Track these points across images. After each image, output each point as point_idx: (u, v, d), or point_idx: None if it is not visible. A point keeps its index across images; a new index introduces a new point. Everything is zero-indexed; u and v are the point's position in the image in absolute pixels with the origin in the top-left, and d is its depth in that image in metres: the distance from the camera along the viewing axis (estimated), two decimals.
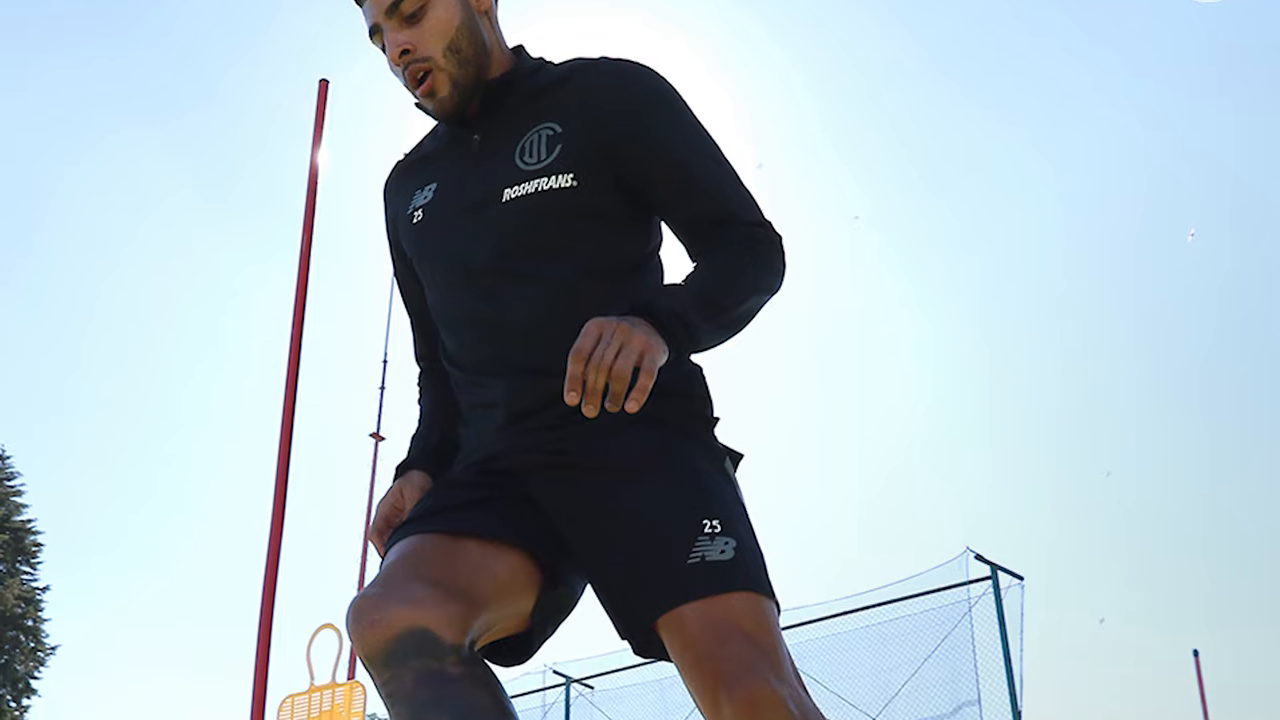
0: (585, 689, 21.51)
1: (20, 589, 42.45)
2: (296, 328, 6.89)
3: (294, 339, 6.86)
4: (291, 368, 6.78)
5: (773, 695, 2.14)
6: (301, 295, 7.02)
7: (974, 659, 16.26)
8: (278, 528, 6.08)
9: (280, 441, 6.55)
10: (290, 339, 6.85)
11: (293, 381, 6.75)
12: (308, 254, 7.32)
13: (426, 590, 2.19)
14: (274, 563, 5.82)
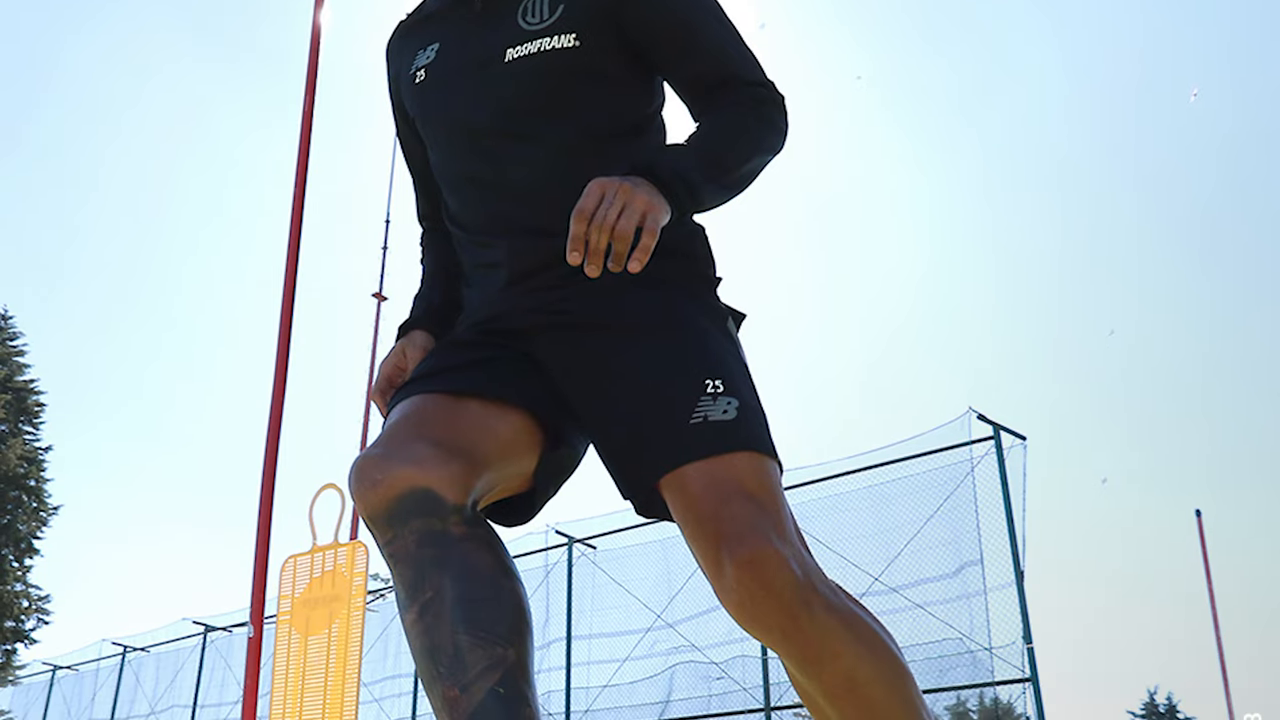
0: (588, 549, 21.65)
1: (23, 449, 42.64)
2: (299, 189, 6.85)
3: (296, 201, 6.82)
4: (294, 229, 6.75)
5: (775, 555, 2.14)
6: (304, 157, 6.97)
7: (976, 519, 16.33)
8: (280, 389, 6.08)
9: (283, 303, 6.53)
10: (293, 201, 6.82)
11: (295, 243, 6.72)
12: (310, 116, 7.26)
13: (429, 450, 2.20)
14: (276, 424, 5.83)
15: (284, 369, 6.26)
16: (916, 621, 16.40)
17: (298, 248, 6.71)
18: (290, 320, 6.45)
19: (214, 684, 28.00)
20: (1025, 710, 15.47)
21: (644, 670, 19.97)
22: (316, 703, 6.45)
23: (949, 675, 15.99)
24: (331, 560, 7.01)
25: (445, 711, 2.02)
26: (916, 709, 2.27)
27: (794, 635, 2.18)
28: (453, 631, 2.04)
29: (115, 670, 31.24)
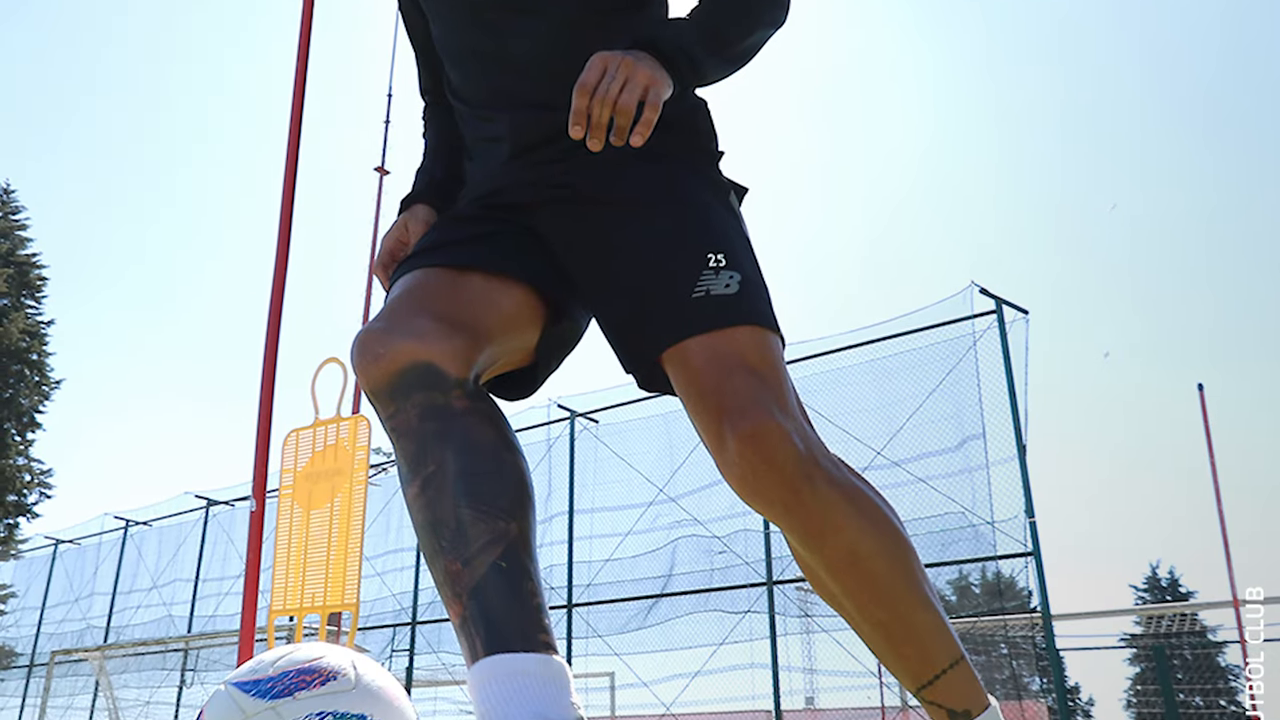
0: (590, 423, 21.73)
1: (25, 323, 42.69)
2: (301, 64, 6.79)
3: (298, 75, 6.76)
4: (296, 103, 6.70)
5: (777, 429, 2.14)
6: (306, 31, 6.90)
7: (979, 393, 16.38)
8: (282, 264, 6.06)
9: (285, 178, 6.50)
10: (295, 75, 6.76)
11: (297, 118, 6.68)
12: None
13: (431, 324, 2.20)
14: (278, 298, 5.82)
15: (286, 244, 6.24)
16: (918, 496, 16.49)
17: (300, 122, 6.67)
18: (292, 195, 6.42)
19: (216, 558, 28.19)
20: (1027, 584, 15.59)
21: (646, 544, 20.11)
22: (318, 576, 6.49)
23: (951, 549, 16.11)
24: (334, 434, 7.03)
25: (447, 585, 2.03)
26: (918, 582, 2.28)
27: (796, 509, 2.19)
28: (455, 505, 2.05)
29: (117, 544, 31.44)
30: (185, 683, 27.37)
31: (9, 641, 35.53)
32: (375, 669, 2.22)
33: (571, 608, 20.28)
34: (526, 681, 1.92)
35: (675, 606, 19.32)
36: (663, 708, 19.15)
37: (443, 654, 22.33)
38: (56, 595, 33.17)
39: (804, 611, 17.89)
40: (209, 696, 2.19)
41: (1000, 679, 19.53)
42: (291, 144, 6.60)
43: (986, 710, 2.30)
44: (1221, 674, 37.84)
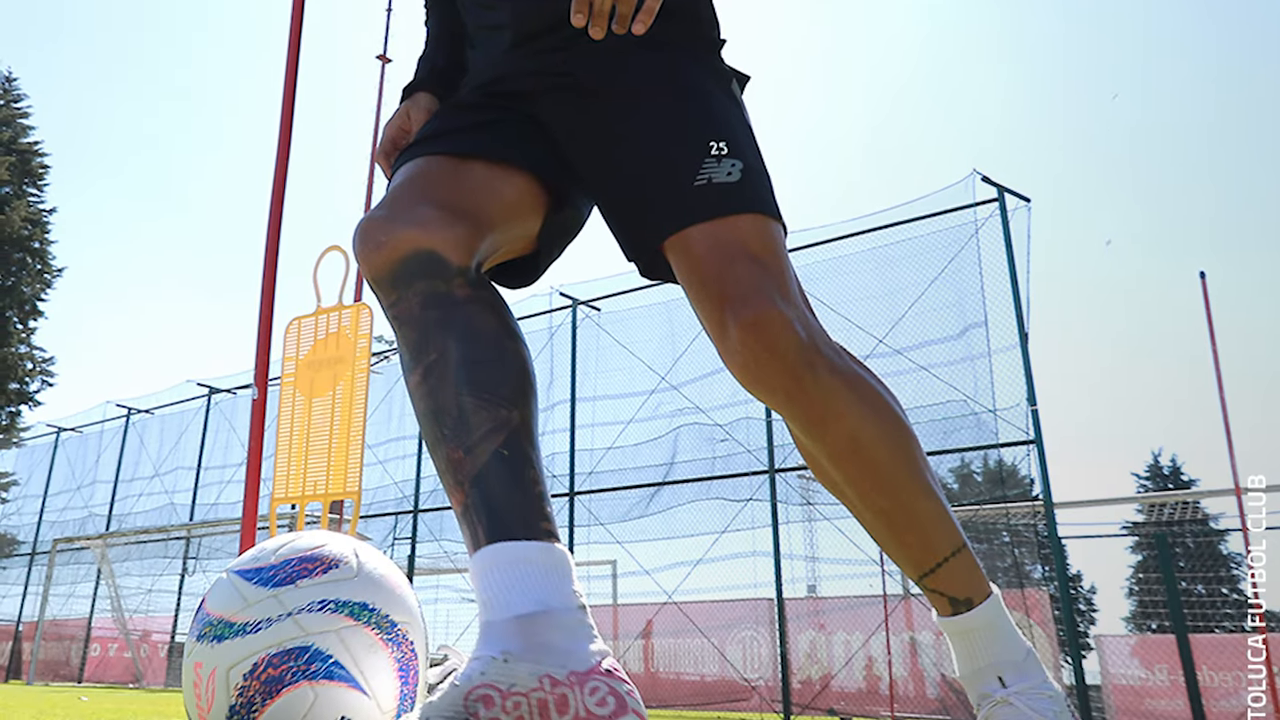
0: (592, 311, 21.74)
1: (27, 211, 42.68)
2: None
3: None
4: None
5: (779, 316, 2.14)
6: None
7: (980, 281, 16.38)
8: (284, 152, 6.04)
9: (287, 66, 6.45)
10: None
11: (300, 4, 6.62)
12: None
13: (433, 212, 2.19)
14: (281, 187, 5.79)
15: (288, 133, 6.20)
16: (920, 384, 16.54)
17: (302, 11, 6.61)
18: (294, 84, 6.37)
19: (218, 446, 28.30)
20: (1029, 472, 15.66)
21: (648, 432, 20.17)
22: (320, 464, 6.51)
23: (953, 437, 16.17)
24: (335, 322, 7.03)
25: (449, 473, 2.03)
26: (920, 470, 2.29)
27: (798, 397, 2.19)
28: (457, 393, 2.05)
29: (119, 432, 31.56)
30: (187, 571, 27.58)
31: (11, 530, 35.77)
32: (377, 557, 2.22)
33: (573, 496, 20.38)
34: (528, 569, 1.93)
35: (677, 494, 19.41)
36: (665, 596, 19.30)
37: (445, 542, 22.48)
38: (58, 483, 33.33)
39: (806, 499, 17.97)
40: (211, 584, 2.19)
41: (1002, 567, 19.64)
42: (294, 33, 6.55)
43: (988, 598, 2.31)
44: (1223, 562, 38.06)
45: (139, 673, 26.86)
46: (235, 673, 2.00)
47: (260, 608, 2.04)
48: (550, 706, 1.82)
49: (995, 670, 2.28)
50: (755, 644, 18.24)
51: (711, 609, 18.85)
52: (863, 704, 17.05)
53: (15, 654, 30.77)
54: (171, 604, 27.52)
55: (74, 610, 30.28)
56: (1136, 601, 49.10)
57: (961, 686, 2.31)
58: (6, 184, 42.58)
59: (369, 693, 2.04)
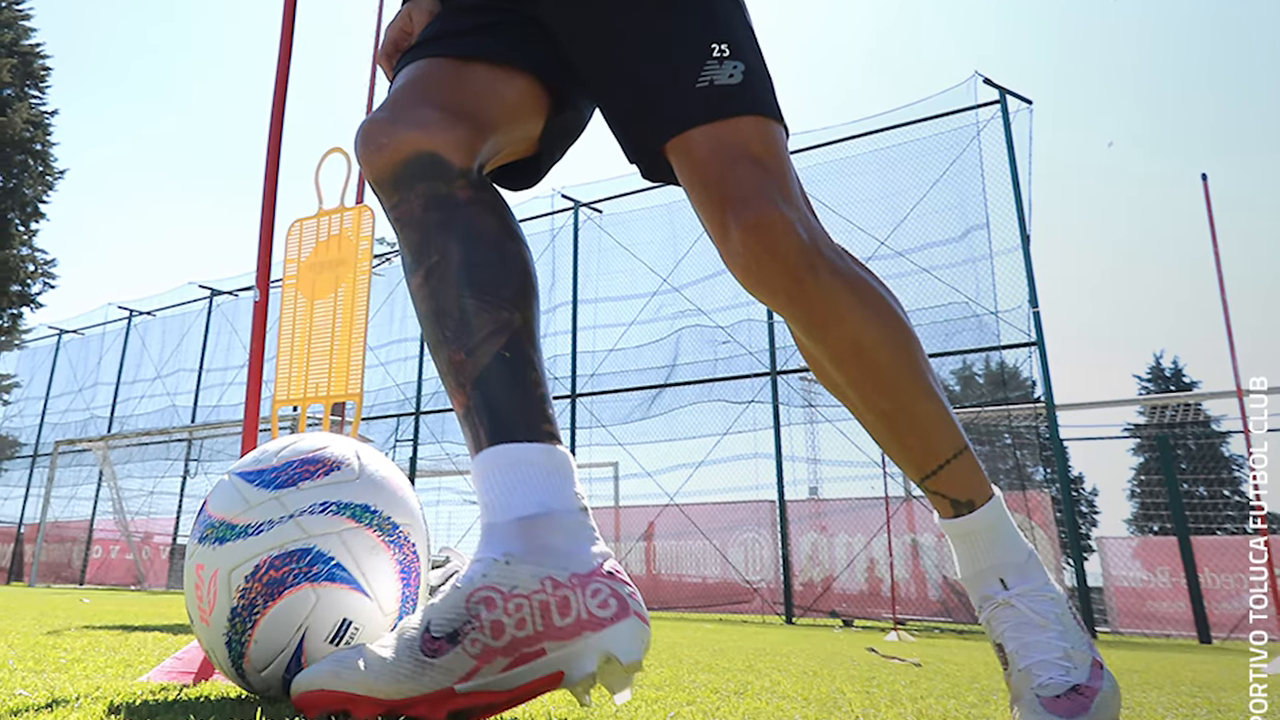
0: (593, 213, 21.72)
1: (28, 113, 42.53)
2: None
3: None
4: None
5: (781, 218, 2.13)
6: None
7: (982, 183, 16.37)
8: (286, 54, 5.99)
9: None
10: None
11: None
12: None
13: (435, 114, 2.18)
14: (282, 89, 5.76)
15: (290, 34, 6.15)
16: (922, 285, 16.56)
17: None
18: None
19: (220, 347, 28.38)
20: (1031, 374, 15.71)
21: (650, 334, 20.22)
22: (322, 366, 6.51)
23: (955, 339, 16.20)
24: (337, 224, 7.00)
25: (451, 375, 2.03)
26: (922, 372, 2.28)
27: (799, 299, 2.18)
28: (458, 295, 2.05)
29: (121, 334, 31.63)
30: (189, 473, 27.72)
31: (12, 431, 35.96)
32: (379, 459, 2.23)
33: (575, 398, 20.46)
34: (530, 471, 1.94)
35: (679, 396, 19.49)
36: (666, 498, 19.41)
37: (446, 444, 22.59)
38: (60, 385, 33.47)
39: (808, 401, 18.04)
40: (213, 487, 2.20)
41: (1004, 469, 19.73)
42: None
43: (990, 500, 2.31)
44: (1225, 464, 38.19)
45: (140, 575, 27.06)
46: (237, 575, 2.01)
47: (262, 510, 2.04)
48: (552, 608, 1.83)
49: (997, 572, 2.29)
50: (757, 546, 18.37)
51: (713, 511, 18.96)
52: (864, 606, 17.18)
53: (17, 556, 30.99)
54: (173, 506, 27.70)
55: (75, 513, 30.47)
56: (1138, 503, 49.33)
57: (963, 589, 2.33)
58: (8, 86, 42.40)
59: (371, 595, 2.05)
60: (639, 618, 1.88)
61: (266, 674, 2.05)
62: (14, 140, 41.81)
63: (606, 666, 1.83)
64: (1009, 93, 16.31)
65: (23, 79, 43.30)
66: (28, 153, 42.71)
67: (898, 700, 2.90)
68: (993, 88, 16.43)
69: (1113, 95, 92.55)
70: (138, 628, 5.70)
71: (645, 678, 3.31)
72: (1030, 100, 16.31)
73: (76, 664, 2.91)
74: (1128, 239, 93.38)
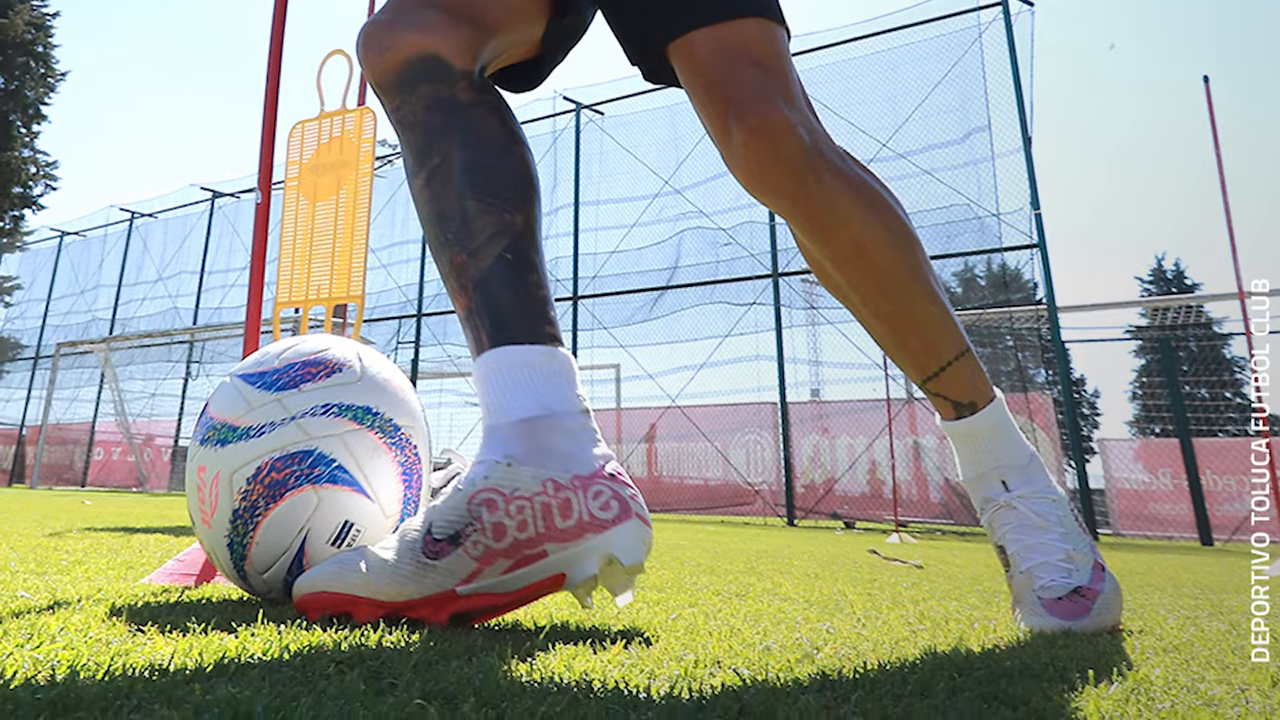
0: (595, 115, 21.63)
1: (30, 14, 42.30)
2: None
3: None
4: None
5: (783, 120, 2.13)
6: None
7: (984, 85, 16.29)
8: None
9: None
10: None
11: None
12: None
13: (436, 15, 2.17)
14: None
15: None
16: (924, 187, 16.52)
17: None
18: None
19: (221, 250, 28.35)
20: (1033, 276, 15.70)
21: (652, 236, 20.19)
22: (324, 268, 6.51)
23: (956, 241, 16.18)
24: (339, 126, 6.97)
25: (453, 276, 2.03)
26: (923, 274, 2.29)
27: (801, 200, 2.18)
28: (460, 197, 2.04)
29: (123, 236, 31.60)
30: (191, 375, 27.80)
31: (14, 333, 36.01)
32: (380, 361, 2.23)
33: (577, 300, 20.46)
34: (532, 373, 1.94)
35: (681, 299, 19.49)
36: (668, 400, 19.46)
37: (448, 346, 22.62)
38: (62, 287, 33.47)
39: (809, 304, 18.04)
40: (215, 389, 2.20)
41: (1006, 371, 19.76)
42: None
43: (992, 402, 2.32)
44: (1227, 366, 38.17)
45: (142, 477, 27.20)
46: (239, 476, 2.01)
47: (263, 411, 2.05)
48: (554, 510, 1.84)
49: (999, 474, 2.30)
50: (759, 448, 18.44)
51: (715, 413, 19.02)
52: (866, 508, 17.26)
53: (19, 458, 31.12)
54: (175, 408, 27.80)
55: (77, 415, 30.58)
56: (1140, 406, 49.42)
57: (965, 490, 2.35)
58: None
59: (372, 496, 2.06)
60: (641, 519, 1.89)
61: (268, 576, 2.06)
62: (15, 42, 41.60)
63: (608, 568, 1.84)
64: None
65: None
66: (29, 54, 42.50)
67: (899, 602, 2.92)
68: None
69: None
70: (139, 530, 5.73)
71: (647, 580, 3.33)
72: (1032, 2, 16.23)
73: (78, 566, 2.92)
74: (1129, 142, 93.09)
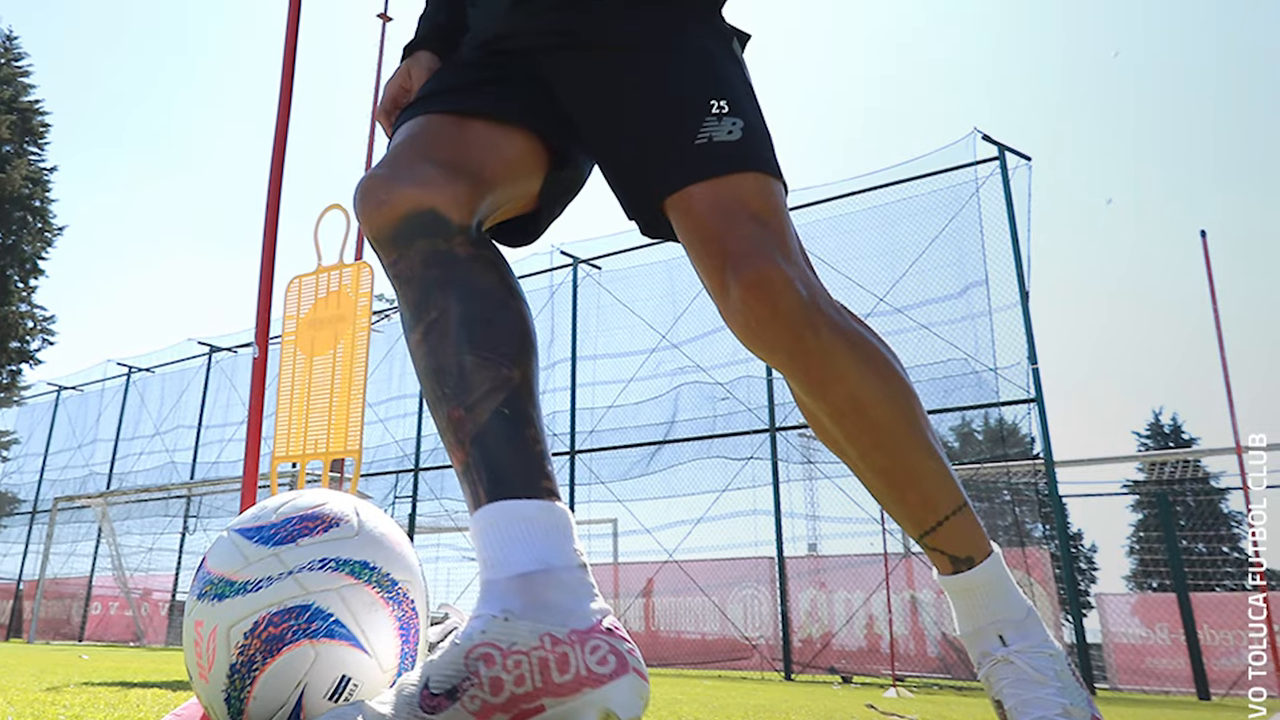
0: (592, 269, 21.77)
1: (28, 169, 42.68)
2: None
3: None
4: None
5: (780, 275, 2.14)
6: None
7: (981, 239, 16.42)
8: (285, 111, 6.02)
9: (288, 24, 6.43)
10: None
11: None
12: None
13: (434, 170, 2.19)
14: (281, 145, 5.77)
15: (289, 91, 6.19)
16: (921, 342, 16.59)
17: None
18: (295, 41, 6.35)
19: (219, 404, 28.41)
20: (1030, 430, 15.72)
21: (649, 391, 20.23)
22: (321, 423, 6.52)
23: (954, 396, 16.22)
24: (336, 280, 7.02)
25: (450, 432, 2.04)
26: (921, 429, 2.29)
27: (799, 356, 2.19)
28: (457, 351, 2.05)
29: (120, 390, 31.67)
30: (188, 529, 27.70)
31: (12, 488, 35.92)
32: (378, 515, 2.23)
33: (574, 454, 20.44)
34: (529, 527, 1.94)
35: (678, 453, 19.48)
36: (665, 554, 19.38)
37: (445, 500, 22.58)
38: (59, 442, 33.49)
39: (807, 458, 18.04)
40: (212, 543, 2.20)
41: (1003, 525, 19.72)
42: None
43: (989, 556, 2.32)
44: (1224, 520, 38.07)
45: (140, 631, 26.98)
46: (236, 631, 2.00)
47: (261, 566, 2.04)
48: (551, 665, 1.83)
49: (996, 629, 2.29)
50: (756, 602, 18.34)
51: (712, 567, 18.93)
52: (864, 663, 17.13)
53: (16, 613, 30.92)
54: (172, 562, 27.67)
55: (75, 569, 30.43)
56: (1137, 560, 49.19)
57: (962, 645, 2.33)
58: (7, 142, 42.56)
59: (370, 651, 2.05)
60: (638, 674, 1.87)
61: None
62: (13, 197, 41.95)
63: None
64: (1008, 149, 16.39)
65: (22, 135, 43.47)
66: (27, 209, 42.84)
67: None
68: (992, 144, 16.51)
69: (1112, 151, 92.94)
70: (137, 684, 5.68)
71: None
72: (1029, 157, 16.39)
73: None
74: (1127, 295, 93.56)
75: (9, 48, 44.80)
